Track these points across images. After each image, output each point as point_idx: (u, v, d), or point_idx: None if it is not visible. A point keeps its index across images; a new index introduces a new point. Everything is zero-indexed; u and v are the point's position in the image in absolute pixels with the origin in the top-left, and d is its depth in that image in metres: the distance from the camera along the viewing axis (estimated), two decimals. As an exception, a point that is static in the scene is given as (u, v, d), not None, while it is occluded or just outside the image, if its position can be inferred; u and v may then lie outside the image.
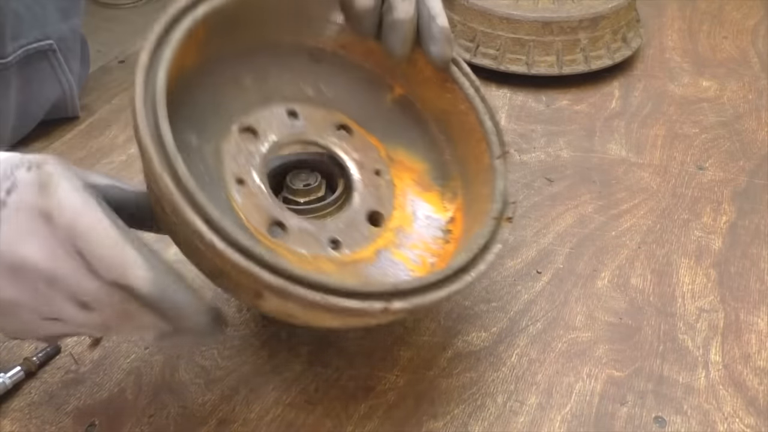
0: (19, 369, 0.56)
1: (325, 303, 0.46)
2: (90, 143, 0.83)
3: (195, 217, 0.44)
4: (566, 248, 0.70)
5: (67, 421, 0.55)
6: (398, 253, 0.57)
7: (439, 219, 0.59)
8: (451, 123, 0.61)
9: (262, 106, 0.58)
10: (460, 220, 0.59)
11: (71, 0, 0.84)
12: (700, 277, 0.67)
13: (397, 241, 0.58)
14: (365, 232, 0.57)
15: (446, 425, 0.55)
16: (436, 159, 0.61)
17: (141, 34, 0.52)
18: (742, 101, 0.92)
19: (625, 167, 0.80)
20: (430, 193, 0.60)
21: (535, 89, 0.93)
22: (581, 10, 0.92)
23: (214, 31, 0.54)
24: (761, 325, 0.63)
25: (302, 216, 0.56)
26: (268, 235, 0.53)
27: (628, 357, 0.60)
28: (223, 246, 0.44)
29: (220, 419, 0.55)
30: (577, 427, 0.55)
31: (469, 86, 0.59)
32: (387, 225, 0.58)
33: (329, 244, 0.55)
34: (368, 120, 0.61)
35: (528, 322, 0.63)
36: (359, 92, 0.62)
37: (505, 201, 0.56)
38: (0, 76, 0.76)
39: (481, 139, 0.58)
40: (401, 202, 0.59)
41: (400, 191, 0.60)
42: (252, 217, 0.53)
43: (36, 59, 0.80)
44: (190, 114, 0.55)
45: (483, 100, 0.59)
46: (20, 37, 0.77)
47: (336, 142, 0.60)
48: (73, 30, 0.85)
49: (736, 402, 0.56)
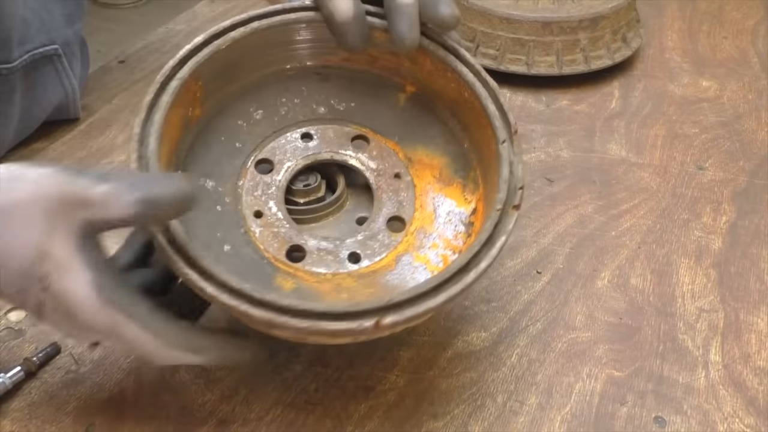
0: (19, 369, 0.56)
1: (315, 329, 0.48)
2: (90, 143, 0.83)
3: (187, 269, 0.48)
4: (566, 248, 0.70)
5: (67, 421, 0.55)
6: (418, 256, 0.57)
7: (462, 212, 0.59)
8: (462, 111, 0.60)
9: (276, 136, 0.60)
10: (481, 212, 0.58)
11: (76, 5, 0.85)
12: (700, 277, 0.67)
13: (417, 244, 0.58)
14: (385, 240, 0.57)
15: (446, 425, 0.55)
16: (456, 150, 0.60)
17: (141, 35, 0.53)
18: (742, 101, 0.92)
19: (625, 167, 0.81)
20: (451, 188, 0.60)
21: (535, 89, 0.93)
22: (581, 10, 0.92)
23: (210, 80, 0.56)
24: (761, 325, 0.63)
25: (318, 237, 0.57)
26: (287, 261, 0.55)
27: (628, 357, 0.60)
28: (214, 290, 0.48)
29: (220, 419, 0.55)
30: (577, 427, 0.55)
31: (468, 72, 0.57)
32: (408, 228, 0.58)
33: (348, 258, 0.56)
34: (383, 125, 0.61)
35: (528, 322, 0.63)
36: (370, 99, 0.61)
37: (511, 188, 0.54)
38: (6, 80, 0.76)
39: (487, 124, 0.57)
40: (423, 202, 0.59)
41: (420, 190, 0.60)
42: (271, 246, 0.56)
43: (41, 64, 0.80)
44: (204, 161, 0.57)
45: (485, 84, 0.57)
46: (26, 42, 0.78)
47: (352, 154, 0.60)
48: (76, 34, 0.85)
49: (736, 402, 0.57)
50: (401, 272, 0.56)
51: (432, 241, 0.58)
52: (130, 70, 0.96)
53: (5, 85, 0.76)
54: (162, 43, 1.02)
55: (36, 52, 0.79)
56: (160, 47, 1.01)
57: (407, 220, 0.58)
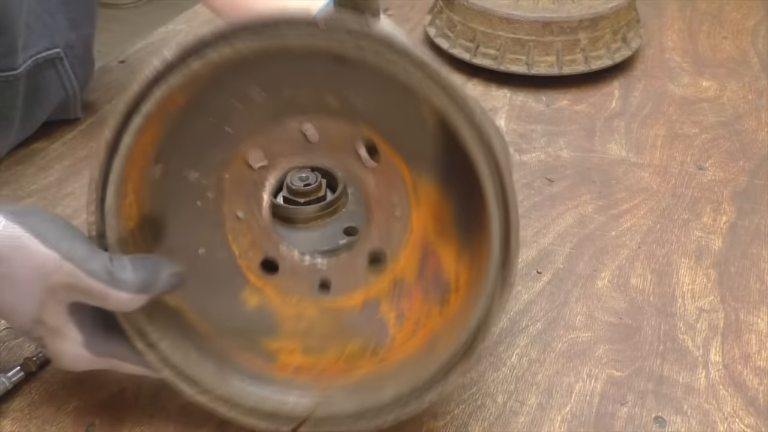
0: (20, 369, 0.56)
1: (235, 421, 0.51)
2: (90, 143, 0.83)
3: (137, 341, 0.50)
4: (566, 248, 0.70)
5: (67, 421, 0.55)
6: (385, 310, 0.54)
7: (445, 279, 0.52)
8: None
9: (273, 124, 0.51)
10: (463, 293, 0.51)
11: (83, 11, 0.84)
12: (700, 277, 0.67)
13: (390, 293, 0.54)
14: (361, 276, 0.53)
15: (446, 425, 0.55)
16: (468, 194, 0.49)
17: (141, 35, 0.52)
18: (742, 101, 0.92)
19: (625, 167, 0.80)
20: (447, 241, 0.52)
21: (535, 89, 0.93)
22: (581, 10, 0.92)
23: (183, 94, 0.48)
24: (761, 325, 0.63)
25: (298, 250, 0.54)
26: (259, 273, 0.53)
27: (628, 357, 0.60)
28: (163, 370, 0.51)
29: (219, 420, 0.54)
30: (577, 427, 0.55)
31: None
32: (388, 268, 0.53)
33: (318, 286, 0.54)
34: (398, 138, 0.51)
35: (528, 322, 0.63)
36: (394, 103, 0.49)
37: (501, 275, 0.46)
38: (10, 86, 0.76)
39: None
40: (414, 250, 0.53)
41: (416, 237, 0.53)
42: (246, 255, 0.53)
43: (44, 67, 0.80)
44: (188, 147, 0.51)
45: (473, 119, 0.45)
46: (30, 47, 0.78)
47: (356, 172, 0.52)
48: (84, 40, 0.84)
49: (736, 402, 0.56)
50: (362, 322, 0.54)
51: (404, 297, 0.53)
52: (130, 70, 0.96)
53: (9, 91, 0.76)
54: (162, 43, 1.02)
55: (39, 56, 0.79)
56: (160, 47, 1.01)
57: (390, 263, 0.53)
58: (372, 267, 0.54)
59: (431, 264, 0.53)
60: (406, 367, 0.51)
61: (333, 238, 0.57)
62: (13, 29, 0.74)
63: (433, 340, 0.51)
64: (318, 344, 0.54)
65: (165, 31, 1.06)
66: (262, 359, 0.53)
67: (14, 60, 0.76)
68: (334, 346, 0.54)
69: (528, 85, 0.93)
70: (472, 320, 0.47)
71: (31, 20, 0.78)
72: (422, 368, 0.49)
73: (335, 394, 0.51)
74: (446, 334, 0.50)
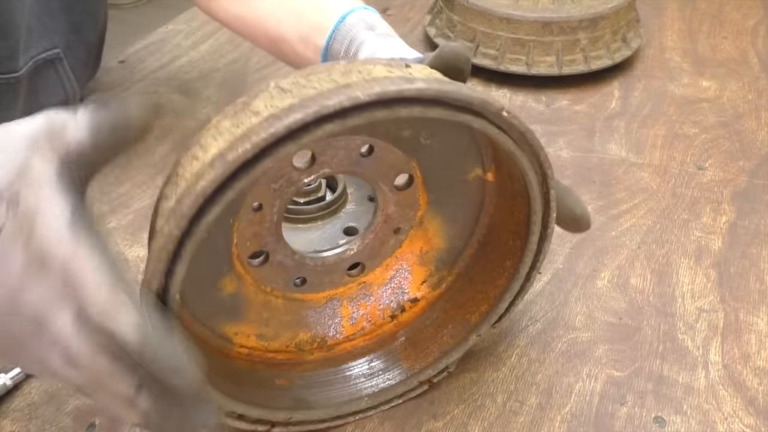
0: (20, 369, 0.56)
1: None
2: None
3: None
4: (566, 248, 0.70)
5: (67, 421, 0.55)
6: (345, 308, 0.57)
7: (406, 295, 0.58)
8: (491, 240, 0.57)
9: (340, 135, 0.50)
10: (417, 313, 0.58)
11: (86, 14, 0.84)
12: (700, 277, 0.67)
13: (354, 295, 0.57)
14: (336, 278, 0.55)
15: (446, 425, 0.55)
16: (456, 247, 0.58)
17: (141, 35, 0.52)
18: (742, 101, 0.92)
19: (625, 167, 0.81)
20: (421, 268, 0.58)
21: (535, 89, 0.93)
22: (581, 10, 0.92)
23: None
24: (761, 325, 0.63)
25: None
26: (246, 263, 0.52)
27: (628, 357, 0.60)
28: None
29: (220, 419, 0.55)
30: (577, 427, 0.55)
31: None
32: (362, 275, 0.56)
33: (296, 281, 0.54)
34: (438, 181, 0.54)
35: (528, 322, 0.63)
36: (451, 153, 0.53)
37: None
38: (12, 89, 0.76)
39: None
40: (390, 264, 0.57)
41: (400, 254, 0.57)
42: (243, 244, 0.51)
43: (44, 68, 0.80)
44: None
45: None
46: (30, 48, 0.78)
47: (387, 193, 0.53)
48: (86, 44, 0.84)
49: (735, 402, 0.57)
50: (321, 316, 0.56)
51: (365, 300, 0.57)
52: (130, 70, 0.96)
53: (10, 93, 0.76)
54: (162, 43, 1.02)
55: (39, 57, 0.79)
56: (160, 47, 1.01)
57: (366, 270, 0.56)
58: (349, 272, 0.56)
59: (399, 280, 0.58)
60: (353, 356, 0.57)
61: (333, 238, 0.57)
62: (16, 32, 0.74)
63: (381, 341, 0.58)
64: (273, 332, 0.55)
65: (165, 31, 1.06)
66: (221, 341, 0.53)
67: (16, 62, 0.76)
68: (286, 335, 0.55)
69: (528, 85, 0.93)
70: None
71: (32, 22, 0.78)
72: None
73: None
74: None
